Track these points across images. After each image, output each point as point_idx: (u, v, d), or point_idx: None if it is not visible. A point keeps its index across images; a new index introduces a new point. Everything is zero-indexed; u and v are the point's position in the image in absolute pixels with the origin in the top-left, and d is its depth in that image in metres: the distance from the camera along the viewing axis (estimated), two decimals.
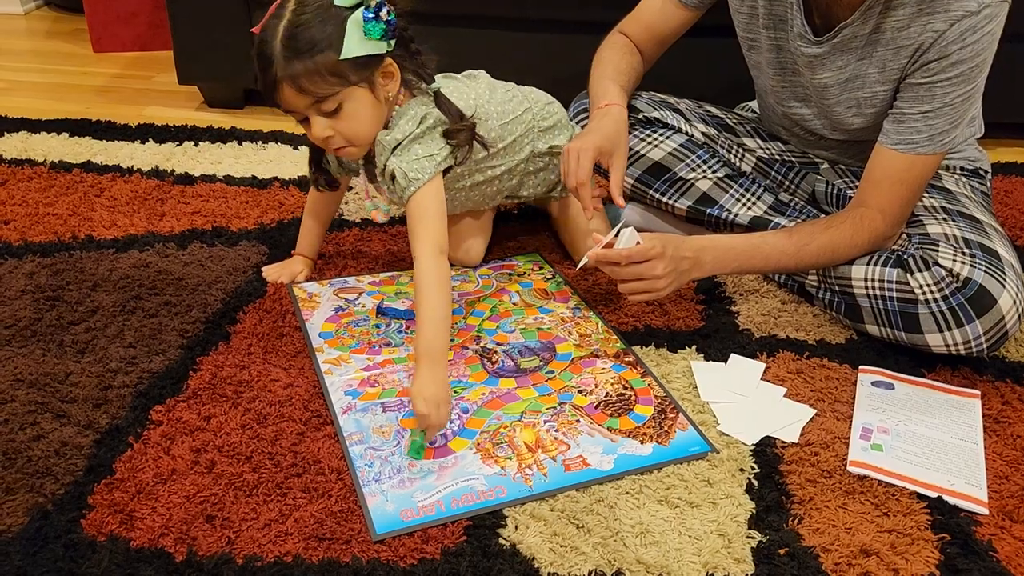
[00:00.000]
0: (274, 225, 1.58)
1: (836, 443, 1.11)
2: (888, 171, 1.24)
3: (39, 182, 1.70)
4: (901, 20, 1.19)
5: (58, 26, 2.82)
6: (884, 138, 1.24)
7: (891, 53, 1.21)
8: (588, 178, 1.27)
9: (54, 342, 1.23)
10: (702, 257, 1.24)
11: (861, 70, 1.26)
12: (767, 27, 1.34)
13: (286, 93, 1.12)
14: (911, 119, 1.21)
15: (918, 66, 1.19)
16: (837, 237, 1.26)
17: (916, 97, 1.20)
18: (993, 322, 1.17)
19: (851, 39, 1.24)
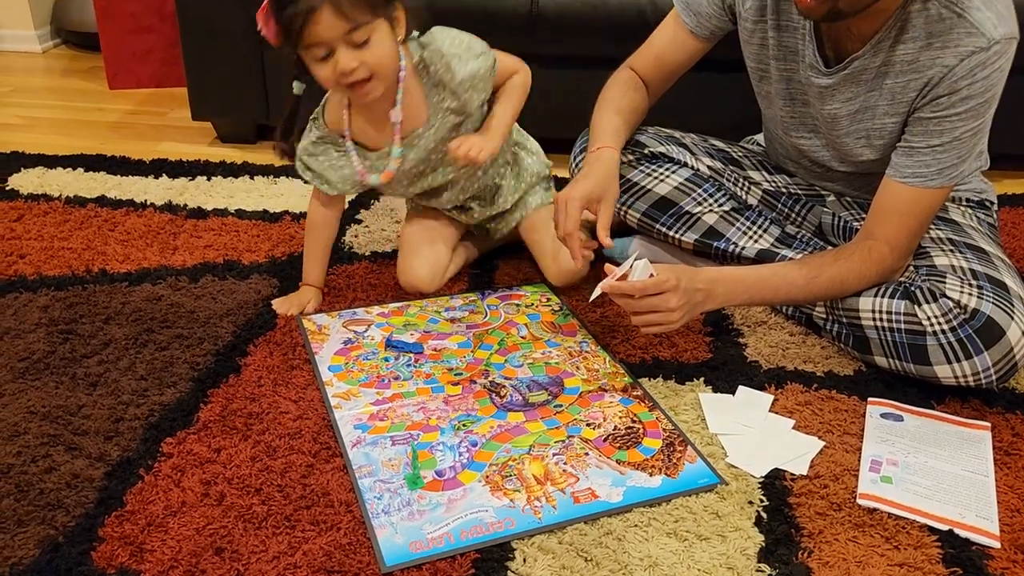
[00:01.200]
0: (285, 258, 1.60)
1: (845, 475, 1.10)
2: (896, 204, 1.25)
3: (54, 217, 1.72)
4: (910, 53, 1.20)
5: (75, 64, 2.87)
6: (893, 171, 1.25)
7: (900, 85, 1.23)
8: (576, 228, 1.29)
9: (67, 375, 1.25)
10: (714, 289, 1.25)
11: (871, 102, 1.27)
12: (776, 58, 1.36)
13: (324, 18, 1.15)
14: (920, 152, 1.22)
15: (928, 100, 1.20)
16: (846, 269, 1.27)
17: (925, 131, 1.21)
18: (1002, 353, 1.17)
19: (861, 71, 1.26)
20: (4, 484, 1.04)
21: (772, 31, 1.35)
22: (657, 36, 1.47)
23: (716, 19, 1.40)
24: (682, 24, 1.43)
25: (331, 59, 1.20)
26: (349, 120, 1.35)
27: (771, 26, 1.34)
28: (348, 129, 1.36)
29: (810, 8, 1.16)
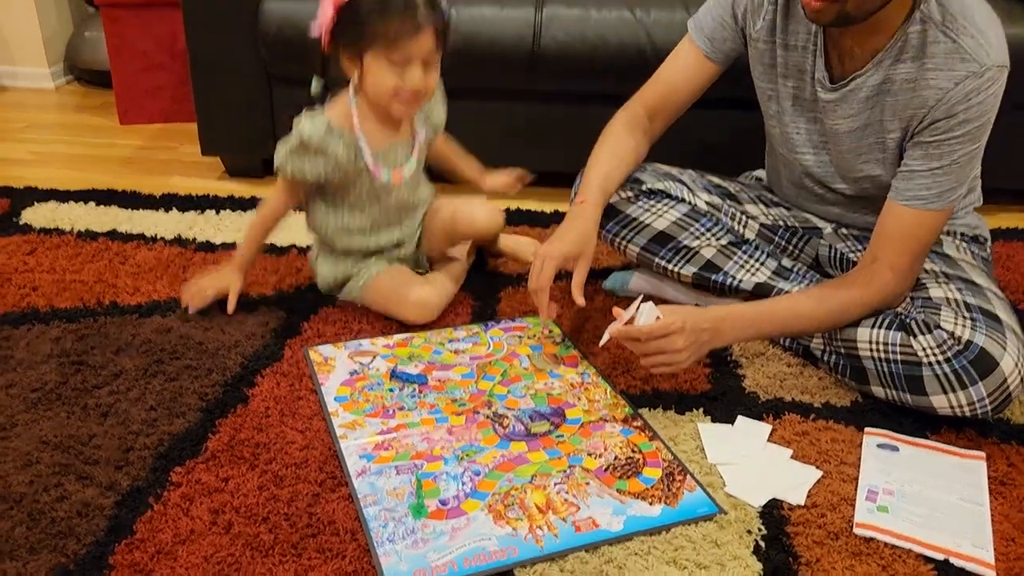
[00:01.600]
0: (292, 291, 1.63)
1: (842, 505, 1.12)
2: (899, 227, 1.28)
3: (66, 250, 1.76)
4: (910, 72, 1.25)
5: (86, 100, 2.93)
6: (894, 194, 1.29)
7: (901, 103, 1.27)
8: (548, 284, 1.34)
9: (78, 405, 1.27)
10: (721, 327, 1.27)
11: (873, 118, 1.32)
12: (784, 76, 1.41)
13: (424, 36, 1.33)
14: (920, 176, 1.26)
15: (926, 124, 1.24)
16: (847, 298, 1.30)
17: (925, 155, 1.25)
18: (996, 384, 1.20)
19: (862, 87, 1.31)
20: (17, 512, 1.06)
21: (780, 50, 1.39)
22: (669, 66, 1.51)
23: (730, 41, 1.45)
24: (696, 49, 1.47)
25: (401, 71, 1.35)
26: (359, 123, 1.45)
27: (779, 45, 1.39)
28: (360, 130, 1.45)
29: (819, 12, 1.21)
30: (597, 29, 1.96)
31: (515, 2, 1.99)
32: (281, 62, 2.01)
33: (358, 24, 1.33)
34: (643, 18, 1.95)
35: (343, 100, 1.46)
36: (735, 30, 1.44)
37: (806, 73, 1.38)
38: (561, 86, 2.03)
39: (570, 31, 1.96)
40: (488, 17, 1.97)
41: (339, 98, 1.47)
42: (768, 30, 1.40)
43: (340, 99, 1.47)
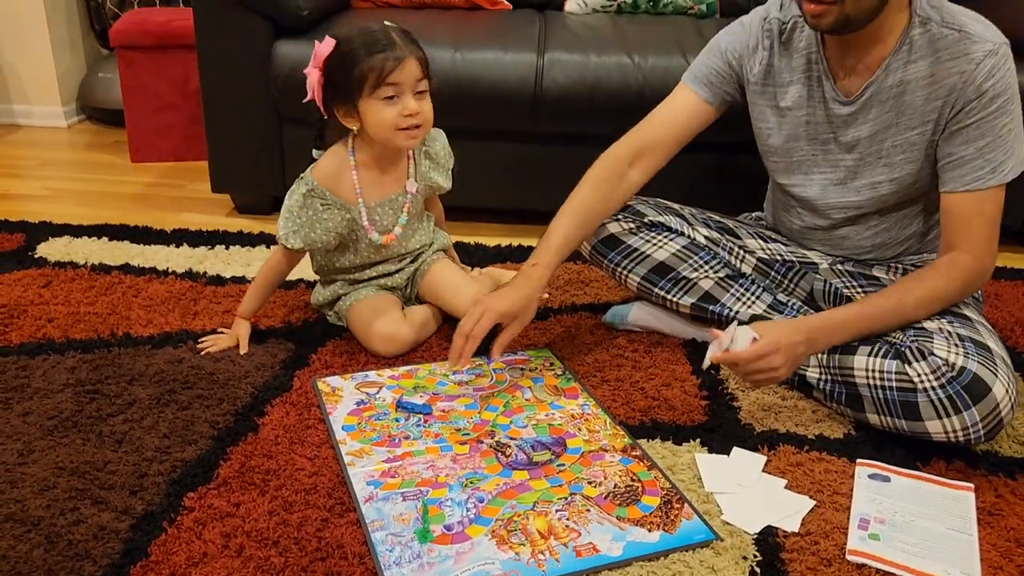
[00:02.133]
0: (300, 323, 1.67)
1: (835, 533, 1.16)
2: (964, 212, 1.34)
3: (80, 283, 1.81)
4: (923, 68, 1.33)
5: (98, 138, 3.00)
6: (951, 185, 1.34)
7: (921, 99, 1.34)
8: (481, 335, 1.36)
9: (93, 432, 1.31)
10: (814, 336, 1.34)
11: (891, 120, 1.38)
12: (789, 109, 1.47)
13: (409, 64, 1.42)
14: (970, 159, 1.32)
15: (958, 109, 1.31)
16: (932, 287, 1.35)
17: (967, 138, 1.32)
18: (988, 409, 1.24)
19: (878, 92, 1.37)
20: (35, 535, 1.10)
21: (781, 87, 1.46)
22: (664, 108, 1.54)
23: (728, 86, 1.51)
24: (693, 94, 1.52)
25: (396, 103, 1.43)
26: (357, 174, 1.53)
27: (779, 83, 1.47)
28: (357, 182, 1.53)
29: (819, 16, 1.28)
30: (596, 73, 2.03)
31: (518, 47, 2.06)
32: (292, 103, 2.08)
33: (345, 72, 1.42)
34: (641, 63, 2.03)
35: (336, 152, 1.54)
36: (731, 76, 1.50)
37: (814, 99, 1.44)
38: (562, 128, 2.10)
39: (571, 75, 2.03)
40: (492, 61, 2.04)
41: (332, 151, 1.55)
42: (765, 72, 1.47)
43: (333, 152, 1.54)
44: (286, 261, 1.57)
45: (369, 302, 1.59)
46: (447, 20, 2.29)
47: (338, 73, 1.43)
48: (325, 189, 1.51)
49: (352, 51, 1.42)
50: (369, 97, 1.43)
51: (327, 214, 1.51)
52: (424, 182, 1.60)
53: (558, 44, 2.08)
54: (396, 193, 1.57)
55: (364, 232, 1.55)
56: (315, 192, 1.51)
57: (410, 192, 1.57)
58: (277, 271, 1.58)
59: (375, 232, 1.55)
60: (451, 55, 2.05)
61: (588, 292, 1.86)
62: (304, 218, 1.51)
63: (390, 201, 1.56)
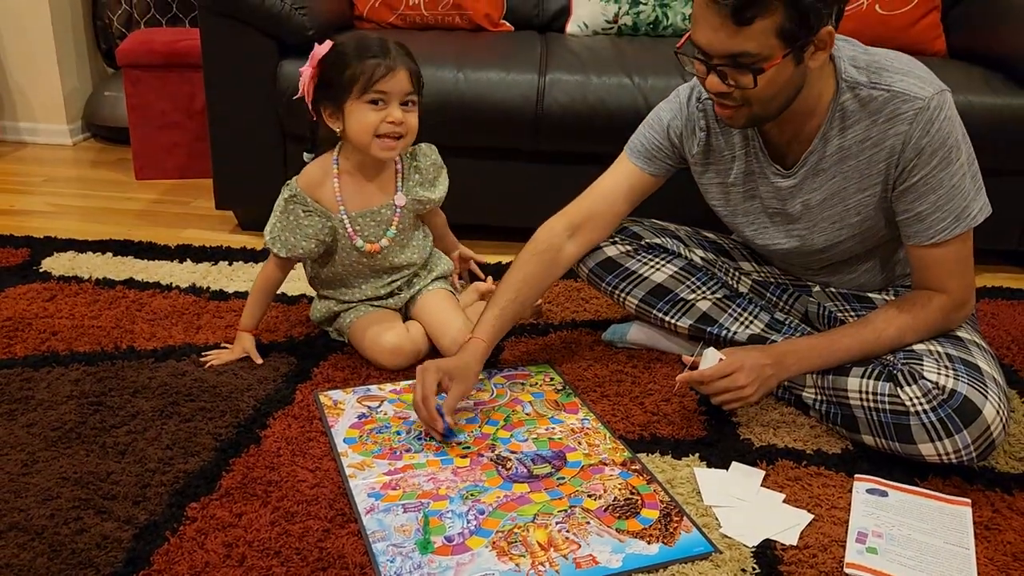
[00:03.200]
0: (301, 338, 1.69)
1: (833, 546, 1.16)
2: (933, 263, 1.34)
3: (85, 297, 1.82)
4: (860, 132, 1.32)
5: (103, 156, 3.03)
6: (914, 239, 1.34)
7: (864, 162, 1.34)
8: (431, 393, 1.33)
9: (97, 443, 1.32)
10: (784, 361, 1.36)
11: (837, 186, 1.38)
12: (735, 184, 1.47)
13: (401, 75, 1.45)
14: (928, 214, 1.31)
15: (900, 169, 1.30)
16: (911, 320, 1.35)
17: (919, 195, 1.30)
18: (979, 431, 1.25)
19: (819, 162, 1.37)
20: (38, 544, 1.10)
21: (720, 165, 1.47)
22: (604, 182, 1.53)
23: (670, 160, 1.51)
24: (635, 168, 1.51)
25: (381, 109, 1.45)
26: (339, 182, 1.56)
27: (717, 161, 1.47)
28: (339, 190, 1.55)
29: (731, 119, 1.30)
30: (597, 94, 2.06)
31: (519, 68, 2.09)
32: (296, 121, 2.10)
33: (337, 73, 1.45)
34: (640, 84, 2.06)
35: (321, 160, 1.58)
36: (672, 150, 1.50)
37: (754, 175, 1.44)
38: (562, 147, 2.12)
39: (572, 95, 2.06)
40: (494, 81, 2.07)
41: (318, 159, 1.58)
42: (704, 152, 1.48)
43: (319, 159, 1.58)
44: (278, 269, 1.60)
45: (372, 317, 1.60)
46: (450, 41, 2.33)
47: (330, 73, 1.46)
48: (307, 196, 1.54)
49: (346, 53, 1.45)
50: (356, 100, 1.45)
51: (308, 220, 1.54)
52: (412, 196, 1.60)
53: (559, 65, 2.11)
54: (381, 205, 1.58)
55: (348, 239, 1.56)
56: (297, 198, 1.54)
57: (398, 205, 1.59)
58: (271, 280, 1.60)
59: (359, 239, 1.57)
60: (454, 75, 2.07)
61: (588, 309, 1.88)
62: (285, 223, 1.54)
63: (374, 213, 1.57)
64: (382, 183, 1.59)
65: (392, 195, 1.59)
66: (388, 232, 1.59)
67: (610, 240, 1.60)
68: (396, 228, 1.59)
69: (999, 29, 2.22)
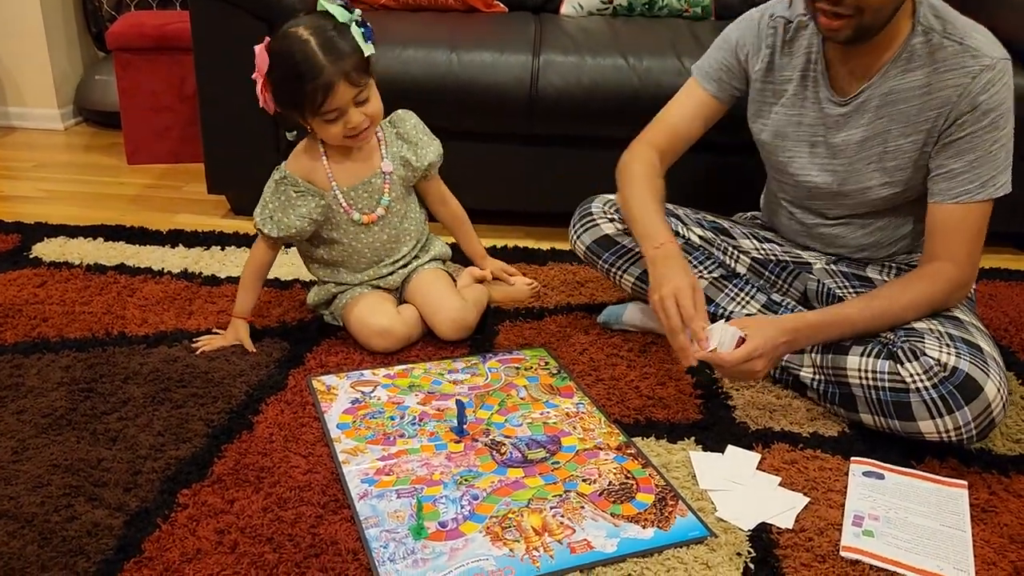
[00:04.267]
0: (295, 323, 1.67)
1: (829, 529, 1.16)
2: (950, 223, 1.35)
3: (76, 283, 1.80)
4: (919, 79, 1.34)
5: (95, 140, 3.00)
6: (939, 196, 1.35)
7: (915, 109, 1.35)
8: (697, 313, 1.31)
9: (88, 430, 1.31)
10: (797, 337, 1.35)
11: (882, 127, 1.39)
12: (785, 106, 1.48)
13: (340, 89, 1.42)
14: (959, 173, 1.33)
15: (951, 122, 1.32)
16: (916, 294, 1.35)
17: (959, 151, 1.32)
18: (980, 409, 1.24)
19: (871, 99, 1.38)
20: (28, 532, 1.09)
21: (780, 84, 1.48)
22: (674, 108, 1.58)
23: (736, 81, 1.53)
24: (703, 91, 1.55)
25: (340, 119, 1.46)
26: (328, 162, 1.56)
27: (778, 80, 1.48)
28: (329, 170, 1.55)
29: (836, 30, 1.29)
30: (592, 75, 2.03)
31: (514, 49, 2.07)
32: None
33: (285, 95, 1.46)
34: (636, 65, 2.03)
35: (308, 144, 1.58)
36: (739, 70, 1.53)
37: (807, 100, 1.46)
38: (557, 129, 2.10)
39: (566, 77, 2.04)
40: (488, 63, 2.05)
41: (304, 143, 1.58)
42: (766, 69, 1.49)
43: (305, 144, 1.58)
44: (268, 251, 1.59)
45: (365, 299, 1.59)
46: (443, 22, 2.30)
47: (279, 92, 1.47)
48: (298, 177, 1.54)
49: (283, 79, 1.43)
50: (313, 118, 1.47)
51: (300, 201, 1.54)
52: (398, 161, 1.60)
53: (554, 46, 2.09)
54: (370, 175, 1.58)
55: (344, 214, 1.56)
56: (287, 180, 1.54)
57: (386, 172, 1.58)
58: (262, 263, 1.59)
59: (355, 212, 1.57)
60: (447, 57, 2.05)
61: (583, 292, 1.86)
62: (276, 204, 1.54)
63: (364, 184, 1.57)
64: (367, 155, 1.59)
65: (377, 163, 1.59)
66: (382, 200, 1.59)
67: (608, 218, 1.59)
68: (389, 196, 1.59)
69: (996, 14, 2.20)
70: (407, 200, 1.65)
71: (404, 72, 2.03)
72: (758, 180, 1.71)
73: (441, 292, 1.62)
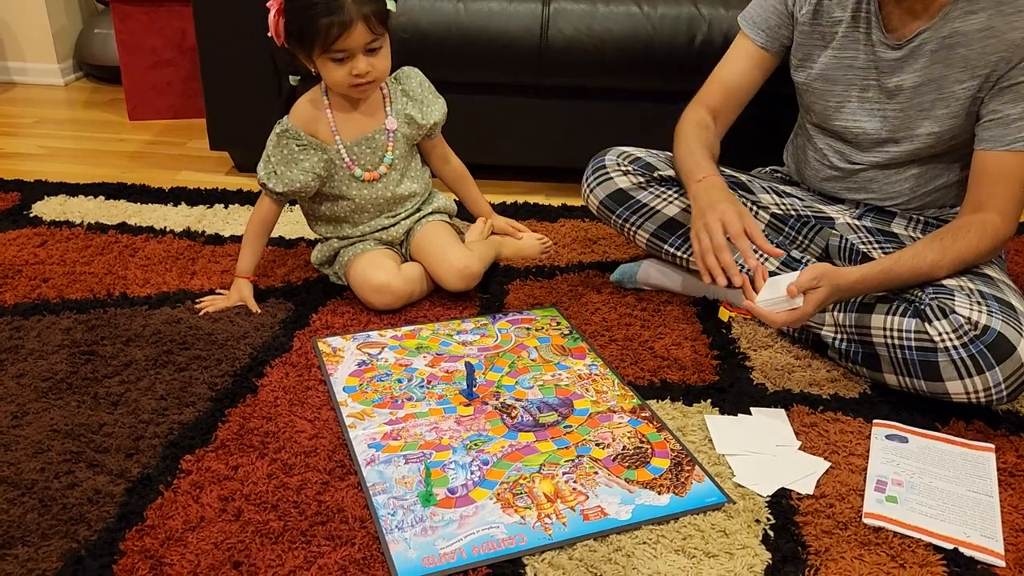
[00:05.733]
0: (300, 283, 1.63)
1: (851, 495, 1.12)
2: (1001, 172, 1.30)
3: (76, 242, 1.77)
4: (981, 21, 1.28)
5: (96, 96, 2.94)
6: (991, 143, 1.30)
7: (976, 53, 1.29)
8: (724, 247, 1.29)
9: (89, 394, 1.28)
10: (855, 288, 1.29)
11: (938, 72, 1.33)
12: (836, 48, 1.43)
13: (358, 30, 1.38)
14: (1015, 119, 1.28)
15: (1013, 65, 1.26)
16: (965, 248, 1.30)
17: (1017, 96, 1.27)
18: (1013, 369, 1.19)
19: (928, 42, 1.32)
20: (28, 499, 1.07)
21: (828, 27, 1.43)
22: (726, 64, 1.54)
23: (784, 28, 1.49)
24: (751, 43, 1.51)
25: (347, 63, 1.42)
26: (332, 113, 1.52)
27: (826, 23, 1.43)
28: (333, 121, 1.52)
29: None
30: (604, 23, 1.96)
31: None
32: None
33: (298, 27, 1.41)
34: (650, 12, 1.95)
35: (312, 95, 1.54)
36: (786, 16, 1.48)
37: (859, 42, 1.40)
38: (568, 80, 2.03)
39: (577, 25, 1.96)
40: (496, 11, 1.97)
41: (308, 94, 1.54)
42: (814, 11, 1.44)
43: (309, 95, 1.54)
44: (273, 207, 1.55)
45: (366, 256, 1.56)
46: None
47: (292, 24, 1.42)
48: (300, 130, 1.50)
49: (302, 7, 1.39)
50: (320, 55, 1.43)
51: (303, 155, 1.51)
52: (403, 119, 1.56)
53: None
54: (373, 130, 1.54)
55: (346, 169, 1.53)
56: (289, 133, 1.50)
57: (390, 129, 1.55)
58: (266, 220, 1.56)
59: (357, 168, 1.54)
60: (454, 6, 1.97)
61: (595, 250, 1.81)
62: (279, 158, 1.51)
63: (367, 139, 1.54)
64: (372, 109, 1.55)
65: (380, 119, 1.55)
66: (385, 158, 1.55)
67: (622, 171, 1.54)
68: (392, 153, 1.55)
69: None
70: (410, 158, 1.61)
71: (409, 22, 1.96)
72: (778, 134, 1.64)
73: (445, 242, 1.58)
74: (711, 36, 1.93)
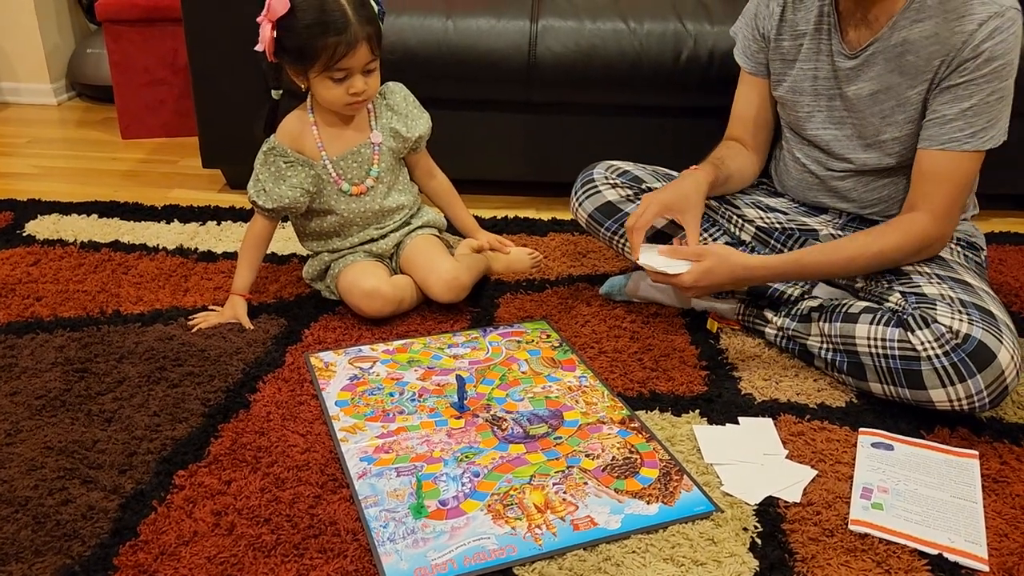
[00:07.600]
0: (292, 299, 1.65)
1: (837, 502, 1.13)
2: (934, 170, 1.33)
3: (69, 261, 1.78)
4: (928, 28, 1.31)
5: (88, 115, 2.96)
6: (927, 142, 1.34)
7: (923, 60, 1.32)
8: (645, 226, 1.40)
9: (82, 411, 1.29)
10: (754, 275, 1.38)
11: (893, 80, 1.37)
12: (801, 60, 1.47)
13: (361, 51, 1.43)
14: (952, 119, 1.31)
15: (953, 68, 1.30)
16: (887, 246, 1.35)
17: (955, 97, 1.30)
18: (994, 376, 1.21)
19: (881, 51, 1.36)
20: (23, 516, 1.08)
21: (791, 40, 1.47)
22: (737, 96, 1.60)
23: (762, 52, 1.54)
24: (745, 72, 1.57)
25: (344, 82, 1.45)
26: (318, 130, 1.55)
27: (789, 36, 1.48)
28: (319, 138, 1.55)
29: None
30: (591, 40, 1.98)
31: (511, 13, 2.02)
32: (275, 71, 2.03)
33: (298, 44, 1.42)
34: (636, 29, 1.98)
35: (297, 113, 1.56)
36: (760, 39, 1.52)
37: (821, 53, 1.44)
38: (556, 96, 2.06)
39: (565, 42, 1.99)
40: (484, 29, 2.00)
41: (293, 112, 1.57)
42: (777, 27, 1.48)
43: (294, 113, 1.56)
44: (266, 224, 1.57)
45: (357, 265, 1.58)
46: None
47: (290, 40, 1.43)
48: (287, 147, 1.52)
49: (307, 27, 1.40)
50: (319, 74, 1.45)
51: (291, 171, 1.53)
52: (388, 133, 1.59)
53: (552, 10, 2.03)
54: (359, 144, 1.56)
55: (333, 184, 1.55)
56: (276, 151, 1.53)
57: (375, 143, 1.57)
58: (260, 237, 1.58)
59: (344, 182, 1.55)
60: (443, 23, 2.00)
61: (585, 263, 1.83)
62: (267, 175, 1.53)
63: (353, 153, 1.56)
64: (357, 125, 1.58)
65: (366, 133, 1.58)
66: (371, 171, 1.57)
67: (610, 184, 1.56)
68: (378, 166, 1.58)
69: None
70: (396, 172, 1.63)
71: (398, 40, 1.98)
72: None
73: (434, 254, 1.60)
74: (697, 52, 1.96)
